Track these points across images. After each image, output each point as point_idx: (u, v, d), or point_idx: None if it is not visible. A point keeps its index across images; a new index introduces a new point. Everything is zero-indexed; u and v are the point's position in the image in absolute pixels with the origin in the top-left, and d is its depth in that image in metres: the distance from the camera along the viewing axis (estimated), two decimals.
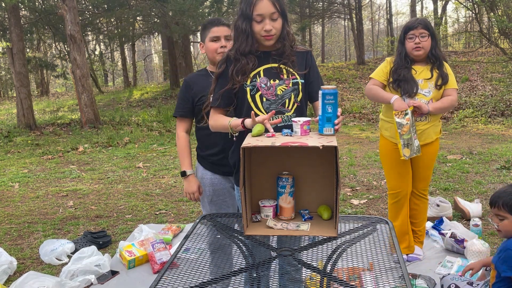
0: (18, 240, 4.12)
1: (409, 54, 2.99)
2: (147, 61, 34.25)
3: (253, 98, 2.07)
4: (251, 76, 2.07)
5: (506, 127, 8.75)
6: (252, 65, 2.05)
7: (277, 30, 2.02)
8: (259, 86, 2.07)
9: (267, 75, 2.08)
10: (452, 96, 2.99)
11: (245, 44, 2.03)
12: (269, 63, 2.09)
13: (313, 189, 1.99)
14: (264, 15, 1.98)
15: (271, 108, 2.07)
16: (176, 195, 5.30)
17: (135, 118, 12.65)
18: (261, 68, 2.09)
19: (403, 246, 3.20)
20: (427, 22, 2.99)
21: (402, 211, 3.25)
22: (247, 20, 2.00)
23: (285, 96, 2.09)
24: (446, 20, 20.30)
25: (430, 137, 3.04)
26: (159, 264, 3.23)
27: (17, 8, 11.87)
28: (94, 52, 25.04)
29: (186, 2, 12.52)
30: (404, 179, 3.15)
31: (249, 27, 2.01)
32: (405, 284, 1.48)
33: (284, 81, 2.09)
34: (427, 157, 3.07)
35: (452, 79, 3.00)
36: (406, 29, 2.98)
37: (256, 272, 1.69)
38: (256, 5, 1.97)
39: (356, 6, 21.34)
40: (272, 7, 1.98)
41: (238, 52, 2.05)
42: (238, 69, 2.04)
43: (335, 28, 36.82)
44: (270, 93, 2.08)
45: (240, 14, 2.03)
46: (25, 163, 7.64)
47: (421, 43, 2.91)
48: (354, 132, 9.10)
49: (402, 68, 3.00)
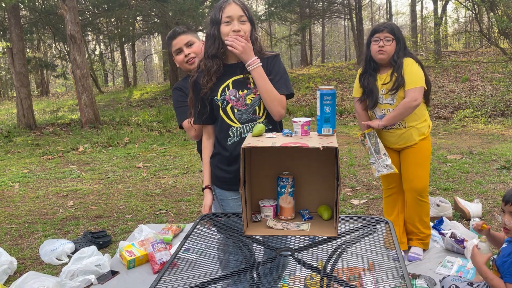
0: (18, 240, 4.12)
1: (373, 57, 3.00)
2: (147, 61, 34.26)
3: (224, 111, 2.14)
4: (220, 91, 2.13)
5: (506, 127, 8.75)
6: (216, 68, 2.10)
7: (245, 32, 2.07)
8: (229, 98, 2.13)
9: (235, 86, 2.13)
10: (406, 98, 2.89)
11: (212, 47, 2.09)
12: (236, 74, 2.14)
13: (313, 189, 2.00)
14: (232, 17, 2.05)
15: (243, 118, 2.13)
16: (176, 195, 5.31)
17: (135, 118, 12.65)
18: (229, 81, 2.14)
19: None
20: (394, 26, 3.00)
21: (396, 206, 3.28)
22: (216, 24, 2.08)
23: (255, 104, 2.14)
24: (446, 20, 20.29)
25: (412, 139, 3.04)
26: (159, 264, 3.23)
27: (17, 8, 11.87)
28: (94, 52, 25.06)
29: (186, 2, 12.52)
30: (396, 176, 3.21)
31: (216, 30, 2.08)
32: (405, 284, 1.48)
33: (251, 90, 2.14)
34: (414, 154, 3.07)
35: (411, 78, 2.90)
36: (372, 31, 3.01)
37: (256, 272, 1.69)
38: (224, 8, 2.06)
39: (356, 6, 21.34)
40: (240, 11, 2.06)
41: (206, 55, 2.12)
42: (204, 73, 2.12)
43: (335, 28, 36.82)
44: (240, 104, 2.13)
45: (210, 21, 2.11)
46: (25, 163, 7.65)
47: (384, 46, 2.92)
48: (354, 132, 9.10)
49: (367, 74, 3.05)
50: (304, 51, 24.84)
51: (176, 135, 9.85)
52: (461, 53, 17.98)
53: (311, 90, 14.51)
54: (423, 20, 24.34)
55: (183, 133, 9.64)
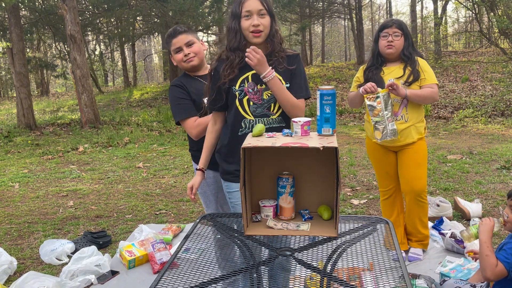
0: (18, 240, 4.12)
1: (381, 52, 3.05)
2: (147, 61, 34.25)
3: (240, 102, 2.18)
4: (240, 81, 2.17)
5: (506, 127, 8.75)
6: (239, 60, 2.14)
7: (265, 27, 2.12)
8: (247, 91, 2.17)
9: (255, 80, 2.17)
10: (432, 88, 2.98)
11: (234, 40, 2.14)
12: None
13: (313, 189, 2.00)
14: (251, 11, 2.10)
15: (257, 112, 2.18)
16: (176, 195, 5.31)
17: (135, 118, 12.65)
18: (249, 73, 2.17)
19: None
20: (402, 22, 3.06)
21: (394, 207, 3.27)
22: (236, 18, 2.13)
23: (271, 101, 2.19)
24: (446, 20, 20.29)
25: (411, 137, 3.03)
26: (159, 264, 3.23)
27: (17, 8, 11.87)
28: (94, 52, 25.05)
29: (186, 2, 12.52)
30: (394, 178, 3.20)
31: (237, 24, 2.13)
32: (405, 284, 1.48)
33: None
34: (412, 155, 3.07)
35: (430, 76, 3.00)
36: (381, 27, 3.06)
37: (256, 272, 1.69)
38: (244, 2, 2.11)
39: (356, 6, 21.35)
40: (259, 4, 2.11)
41: (228, 48, 2.16)
42: (227, 65, 2.16)
43: (335, 28, 36.83)
44: (256, 97, 2.18)
45: (230, 15, 2.16)
46: (25, 163, 7.65)
47: (393, 41, 2.97)
48: (354, 132, 9.10)
49: (373, 68, 3.08)
50: (304, 51, 24.83)
51: (176, 135, 9.85)
52: (461, 53, 17.98)
53: (311, 90, 14.48)
54: (423, 20, 24.35)
55: (183, 133, 9.63)
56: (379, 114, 2.94)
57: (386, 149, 3.14)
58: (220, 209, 2.74)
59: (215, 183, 2.65)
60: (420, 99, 2.98)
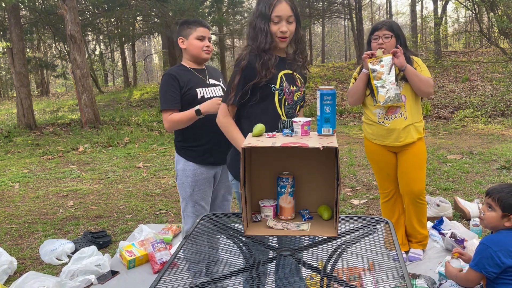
0: (18, 240, 4.12)
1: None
2: (147, 61, 34.26)
3: (280, 102, 2.18)
4: (279, 80, 2.17)
5: (506, 127, 8.75)
6: (274, 60, 2.14)
7: (291, 33, 2.16)
8: (285, 90, 2.18)
9: (288, 80, 2.20)
10: (429, 78, 3.00)
11: (265, 42, 2.13)
12: (285, 69, 2.20)
13: (313, 189, 2.00)
14: (282, 17, 2.11)
15: (289, 112, 2.20)
16: (176, 195, 5.30)
17: (135, 118, 12.65)
18: (281, 73, 2.19)
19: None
20: (393, 23, 3.08)
21: (395, 209, 3.28)
22: (266, 20, 2.11)
23: (298, 102, 2.25)
24: (446, 20, 20.28)
25: (411, 136, 3.03)
26: (159, 264, 3.23)
27: (17, 8, 11.87)
28: (94, 52, 25.06)
29: (186, 2, 12.52)
30: (395, 179, 3.20)
31: (267, 26, 2.12)
32: (405, 284, 1.48)
33: (299, 88, 2.24)
34: (412, 156, 3.07)
35: (425, 71, 3.02)
36: (372, 30, 3.10)
37: (256, 272, 1.69)
38: (275, 6, 2.09)
39: (356, 6, 21.36)
40: (290, 11, 2.11)
41: (259, 49, 2.14)
42: (262, 64, 2.12)
43: (335, 28, 36.83)
44: (290, 98, 2.21)
45: (258, 14, 2.13)
46: (25, 163, 7.65)
47: (384, 43, 2.99)
48: (354, 132, 9.10)
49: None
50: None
51: None
52: (461, 53, 17.98)
53: (311, 90, 14.50)
54: (423, 20, 24.34)
55: None
56: (381, 77, 2.92)
57: (386, 150, 3.14)
58: (193, 205, 2.74)
59: (193, 175, 2.69)
60: (416, 78, 2.95)
